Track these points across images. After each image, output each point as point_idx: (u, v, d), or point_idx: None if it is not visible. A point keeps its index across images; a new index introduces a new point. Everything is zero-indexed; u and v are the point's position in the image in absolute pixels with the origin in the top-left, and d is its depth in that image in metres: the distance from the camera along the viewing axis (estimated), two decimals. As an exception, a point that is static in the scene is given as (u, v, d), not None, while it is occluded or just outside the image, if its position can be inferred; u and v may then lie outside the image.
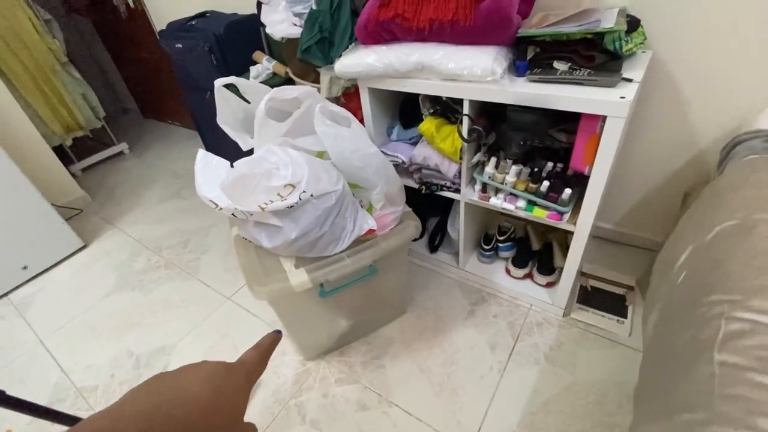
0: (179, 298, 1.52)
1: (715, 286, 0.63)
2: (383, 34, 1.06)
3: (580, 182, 1.03)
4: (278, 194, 0.86)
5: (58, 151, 2.26)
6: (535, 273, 1.32)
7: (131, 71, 3.06)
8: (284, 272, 0.96)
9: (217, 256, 1.71)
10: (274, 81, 1.65)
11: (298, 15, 1.35)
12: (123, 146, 2.74)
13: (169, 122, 3.15)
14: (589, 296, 1.30)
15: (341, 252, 0.99)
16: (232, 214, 0.91)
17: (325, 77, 1.32)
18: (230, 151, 2.06)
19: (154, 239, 1.87)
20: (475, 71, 0.93)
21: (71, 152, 2.48)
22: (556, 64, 0.93)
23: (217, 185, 0.89)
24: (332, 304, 1.09)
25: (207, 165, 0.93)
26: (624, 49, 0.89)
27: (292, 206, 0.86)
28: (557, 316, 1.25)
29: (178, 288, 1.57)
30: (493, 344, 1.20)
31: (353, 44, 1.26)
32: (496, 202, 1.12)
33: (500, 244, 1.39)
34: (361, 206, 1.06)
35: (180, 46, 1.76)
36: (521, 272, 1.34)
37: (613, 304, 1.27)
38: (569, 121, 0.98)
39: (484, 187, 1.14)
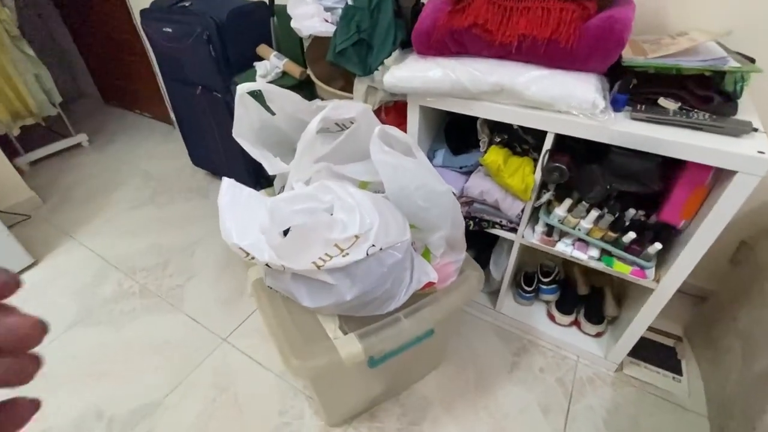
0: (161, 337, 1.26)
1: None
2: (450, 45, 0.88)
3: (665, 233, 0.90)
4: (336, 245, 0.66)
5: (1, 140, 1.88)
6: (582, 321, 1.20)
7: (94, 50, 2.65)
8: (328, 339, 0.76)
9: (207, 282, 1.45)
10: (284, 82, 1.42)
11: (329, 10, 1.14)
12: (81, 138, 2.36)
13: (137, 112, 2.78)
14: (637, 347, 1.19)
15: (396, 310, 0.81)
16: (266, 264, 0.71)
17: (360, 86, 1.12)
18: (217, 153, 1.79)
19: (124, 257, 1.57)
20: (572, 102, 0.78)
21: (17, 142, 2.08)
22: (663, 102, 0.79)
23: (251, 227, 0.68)
24: (374, 370, 0.90)
25: (235, 200, 0.71)
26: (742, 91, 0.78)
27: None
28: (609, 371, 1.14)
29: (158, 324, 1.30)
30: (545, 406, 1.06)
31: (398, 51, 1.07)
32: (565, 249, 0.98)
33: (543, 286, 1.25)
34: (414, 250, 0.88)
35: (169, 30, 1.48)
36: (567, 319, 1.21)
37: (665, 357, 1.17)
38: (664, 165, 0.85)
39: (550, 230, 1.00)
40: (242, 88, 0.86)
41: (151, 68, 2.31)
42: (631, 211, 0.92)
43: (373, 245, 0.65)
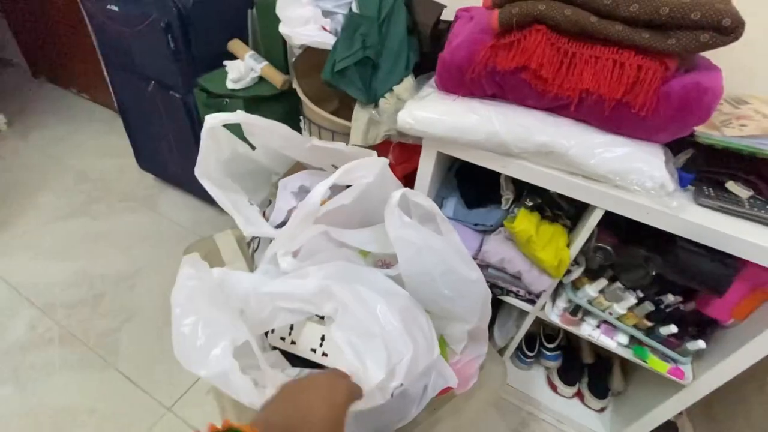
0: (85, 405, 0.99)
1: None
2: (486, 86, 0.71)
3: (709, 329, 0.80)
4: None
5: None
6: (586, 393, 1.09)
7: (21, 12, 2.19)
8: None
9: (149, 328, 1.18)
10: (260, 90, 1.18)
11: (328, 15, 0.93)
12: (-2, 119, 1.94)
13: (73, 91, 2.35)
14: (639, 421, 1.11)
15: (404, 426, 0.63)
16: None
17: (361, 115, 0.91)
18: (171, 158, 1.50)
19: (43, 287, 1.26)
20: (635, 179, 0.64)
21: None
22: (733, 187, 0.67)
23: (220, 338, 0.47)
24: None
25: (198, 292, 0.49)
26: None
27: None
28: (612, 452, 1.04)
29: (83, 385, 1.03)
30: (549, 501, 0.93)
31: (408, 77, 0.89)
32: (592, 333, 0.86)
33: (546, 351, 1.13)
34: (425, 339, 0.70)
35: (116, 9, 1.18)
36: (570, 391, 1.10)
37: (667, 433, 1.09)
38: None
39: (575, 309, 0.86)
40: (212, 120, 0.64)
41: (93, 44, 1.94)
42: (669, 297, 0.81)
43: (401, 384, 0.46)
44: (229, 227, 1.52)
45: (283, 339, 0.57)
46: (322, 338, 0.55)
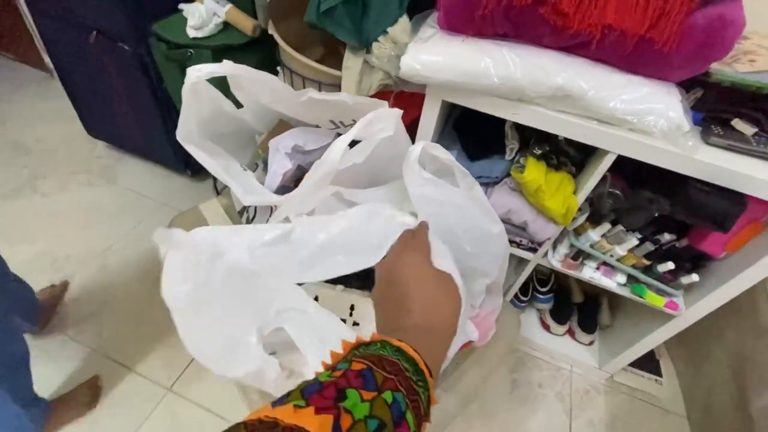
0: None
1: None
2: (499, 24, 0.65)
3: (702, 263, 0.84)
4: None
5: None
6: (577, 330, 1.16)
7: None
8: None
9: (130, 308, 1.10)
10: (228, 38, 1.05)
11: (306, -56, 0.80)
12: None
13: (-12, 48, 2.01)
14: (622, 349, 1.21)
15: (432, 384, 0.63)
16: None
17: (352, 63, 0.83)
18: (126, 122, 1.34)
19: None
20: (652, 121, 0.62)
21: None
22: (738, 125, 0.67)
23: (246, 335, 0.42)
24: None
25: (203, 281, 0.44)
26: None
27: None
28: (601, 379, 1.13)
29: (71, 375, 0.96)
30: (549, 429, 1.01)
31: (404, 17, 0.80)
32: (593, 275, 0.88)
33: (539, 295, 1.17)
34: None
35: (34, -61, 0.96)
36: (562, 329, 1.16)
37: (645, 358, 1.19)
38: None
39: (577, 254, 0.88)
40: (196, 73, 0.54)
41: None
42: (666, 236, 0.84)
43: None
44: (207, 196, 1.41)
45: (307, 311, 0.53)
46: (352, 307, 0.53)
